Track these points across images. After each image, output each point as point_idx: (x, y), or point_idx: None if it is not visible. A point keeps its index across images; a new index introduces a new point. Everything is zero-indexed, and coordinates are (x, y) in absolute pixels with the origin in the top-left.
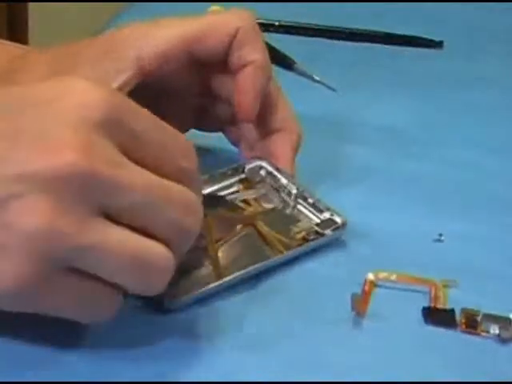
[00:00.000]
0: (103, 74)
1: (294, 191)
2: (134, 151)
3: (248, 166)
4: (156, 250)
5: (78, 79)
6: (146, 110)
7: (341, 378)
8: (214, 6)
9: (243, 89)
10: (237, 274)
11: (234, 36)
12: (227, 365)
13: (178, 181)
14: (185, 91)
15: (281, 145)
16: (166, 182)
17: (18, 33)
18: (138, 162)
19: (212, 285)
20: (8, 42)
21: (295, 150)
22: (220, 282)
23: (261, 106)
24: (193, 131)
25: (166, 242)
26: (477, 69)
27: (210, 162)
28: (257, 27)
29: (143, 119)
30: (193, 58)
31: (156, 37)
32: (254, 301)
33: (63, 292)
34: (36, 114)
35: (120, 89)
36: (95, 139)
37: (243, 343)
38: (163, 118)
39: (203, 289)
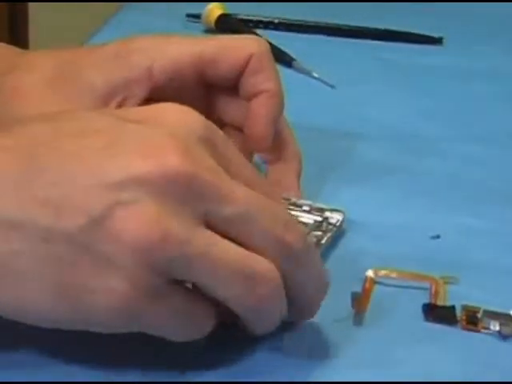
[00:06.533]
0: (111, 79)
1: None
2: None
3: None
4: (260, 262)
5: (174, 103)
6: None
7: (341, 376)
8: (214, 4)
9: (256, 118)
10: None
11: (248, 62)
12: (227, 364)
13: None
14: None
15: (288, 176)
16: (265, 197)
17: (18, 32)
18: None
19: None
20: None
21: (299, 177)
22: None
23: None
24: None
25: (267, 257)
26: (476, 64)
27: None
28: (270, 55)
29: (233, 149)
30: (202, 77)
31: (170, 50)
32: None
33: (166, 306)
34: (137, 127)
35: (126, 99)
36: (197, 149)
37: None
38: None
39: None
